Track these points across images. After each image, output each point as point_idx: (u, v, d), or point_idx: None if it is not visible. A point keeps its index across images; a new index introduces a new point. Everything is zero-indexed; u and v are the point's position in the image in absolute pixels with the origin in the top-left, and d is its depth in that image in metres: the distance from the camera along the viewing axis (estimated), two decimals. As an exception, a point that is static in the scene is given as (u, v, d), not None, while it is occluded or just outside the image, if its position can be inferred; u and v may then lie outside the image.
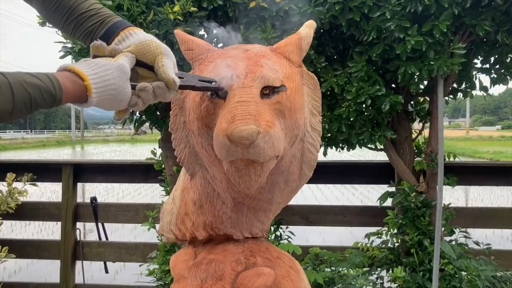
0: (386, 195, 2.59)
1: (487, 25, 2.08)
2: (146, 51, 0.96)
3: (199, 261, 1.20)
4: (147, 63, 0.97)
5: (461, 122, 69.77)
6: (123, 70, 0.90)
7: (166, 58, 0.97)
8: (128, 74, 0.91)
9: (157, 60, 0.96)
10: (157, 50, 0.96)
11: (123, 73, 0.90)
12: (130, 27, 1.02)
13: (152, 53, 0.96)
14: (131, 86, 0.92)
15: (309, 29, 1.17)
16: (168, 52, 0.98)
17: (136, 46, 0.97)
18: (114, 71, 0.89)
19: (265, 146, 0.97)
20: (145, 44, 0.97)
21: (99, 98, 0.87)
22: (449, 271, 2.36)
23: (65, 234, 3.13)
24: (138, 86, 0.93)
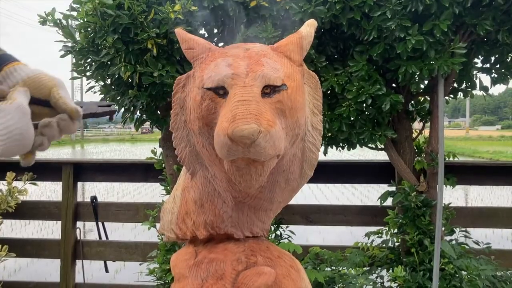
0: (386, 194, 2.59)
1: (488, 25, 2.08)
2: (39, 85, 0.88)
3: (200, 260, 1.20)
4: (40, 98, 0.88)
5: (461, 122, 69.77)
6: (23, 111, 0.81)
7: (62, 89, 0.89)
8: (29, 113, 0.82)
9: (53, 92, 0.87)
10: (51, 83, 0.88)
11: (24, 114, 0.81)
12: (14, 62, 0.92)
13: (45, 86, 0.88)
14: (33, 126, 0.83)
15: (310, 28, 1.17)
16: (62, 83, 0.90)
17: (26, 82, 0.88)
18: (14, 114, 0.79)
19: (266, 145, 0.97)
20: (36, 78, 0.89)
21: (4, 147, 0.78)
22: (449, 270, 2.36)
23: (65, 233, 3.13)
24: (41, 123, 0.85)
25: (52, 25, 2.24)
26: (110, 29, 2.08)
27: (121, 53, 2.13)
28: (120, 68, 2.13)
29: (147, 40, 2.08)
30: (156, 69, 2.13)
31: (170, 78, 2.14)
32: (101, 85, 2.40)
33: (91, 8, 2.08)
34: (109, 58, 2.16)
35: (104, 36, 2.10)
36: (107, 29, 2.09)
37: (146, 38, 2.07)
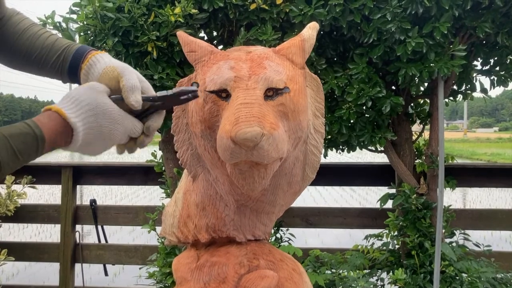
0: (386, 197, 2.59)
1: (487, 27, 2.08)
2: (108, 80, 0.91)
3: (202, 263, 1.20)
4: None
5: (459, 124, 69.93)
6: (90, 86, 0.86)
7: (124, 76, 0.90)
8: (96, 88, 0.86)
9: (121, 85, 0.90)
10: (114, 73, 0.91)
11: (91, 88, 0.86)
12: (93, 51, 0.97)
13: (113, 80, 0.91)
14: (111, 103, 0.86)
15: (312, 31, 1.17)
16: (123, 69, 0.91)
17: (100, 79, 0.92)
18: (81, 89, 0.85)
19: (269, 148, 0.97)
20: (104, 73, 0.92)
21: (82, 122, 0.82)
22: (450, 273, 2.36)
23: (64, 236, 3.11)
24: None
25: (52, 28, 2.24)
26: (110, 32, 2.07)
27: (121, 56, 2.12)
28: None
29: (147, 43, 2.08)
30: (156, 72, 2.12)
31: (170, 81, 2.13)
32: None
33: (91, 11, 2.08)
34: (109, 61, 2.15)
35: (104, 39, 2.10)
36: (107, 32, 2.08)
37: (146, 41, 2.07)
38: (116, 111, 0.86)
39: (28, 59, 1.00)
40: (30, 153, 0.78)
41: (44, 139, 0.79)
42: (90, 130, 0.83)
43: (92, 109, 0.83)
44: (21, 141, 0.76)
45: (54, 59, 0.98)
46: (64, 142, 0.82)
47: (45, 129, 0.79)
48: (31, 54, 1.00)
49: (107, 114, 0.84)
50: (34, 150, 0.78)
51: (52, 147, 0.81)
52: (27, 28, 1.01)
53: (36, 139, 0.78)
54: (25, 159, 0.77)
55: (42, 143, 0.78)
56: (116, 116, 0.85)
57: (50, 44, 0.99)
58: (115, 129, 0.85)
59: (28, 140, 0.77)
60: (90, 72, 0.94)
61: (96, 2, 2.06)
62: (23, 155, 0.77)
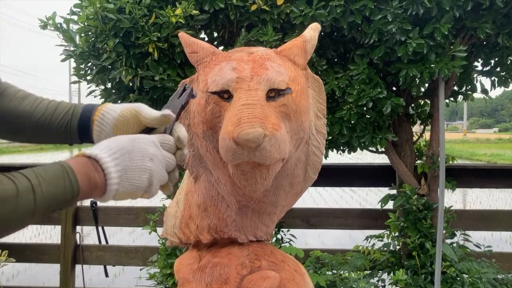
0: (387, 197, 2.59)
1: (488, 28, 2.08)
2: (127, 123, 0.93)
3: (204, 264, 1.19)
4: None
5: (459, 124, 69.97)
6: (130, 137, 0.84)
7: (143, 111, 0.92)
8: (136, 138, 0.85)
9: (141, 120, 0.92)
10: (132, 113, 0.93)
11: (131, 139, 0.83)
12: (100, 105, 0.99)
13: (132, 120, 0.93)
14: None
15: (314, 31, 1.17)
16: (139, 107, 0.93)
17: (117, 124, 0.94)
18: (121, 139, 0.83)
19: (271, 149, 0.97)
20: (120, 117, 0.94)
21: (118, 168, 0.80)
22: (450, 273, 2.36)
23: (65, 237, 3.11)
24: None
25: (52, 29, 2.24)
26: (111, 33, 2.07)
27: (122, 57, 2.12)
28: (121, 72, 2.12)
29: (148, 44, 2.08)
30: (157, 73, 2.12)
31: (171, 82, 2.13)
32: (101, 89, 2.39)
33: (92, 12, 2.08)
34: (110, 62, 2.16)
35: (105, 40, 2.10)
36: (108, 33, 2.08)
37: (147, 42, 2.07)
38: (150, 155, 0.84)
39: (32, 123, 1.00)
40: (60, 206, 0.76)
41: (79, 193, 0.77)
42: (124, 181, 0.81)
43: (128, 158, 0.82)
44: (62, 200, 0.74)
45: (60, 118, 0.99)
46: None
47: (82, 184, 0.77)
48: (35, 117, 0.99)
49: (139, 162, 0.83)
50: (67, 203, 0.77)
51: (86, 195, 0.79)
52: (27, 95, 1.03)
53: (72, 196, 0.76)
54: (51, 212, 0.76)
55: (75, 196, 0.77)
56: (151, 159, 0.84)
57: (54, 106, 1.00)
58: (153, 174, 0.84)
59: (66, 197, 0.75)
60: (104, 121, 0.95)
61: (97, 3, 2.06)
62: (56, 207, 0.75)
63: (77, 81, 2.37)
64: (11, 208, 0.67)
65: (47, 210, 0.72)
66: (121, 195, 0.82)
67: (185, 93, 0.95)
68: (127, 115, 0.93)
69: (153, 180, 0.83)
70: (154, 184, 0.84)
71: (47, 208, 0.72)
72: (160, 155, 0.84)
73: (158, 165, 0.84)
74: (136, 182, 0.81)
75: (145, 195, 0.85)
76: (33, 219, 0.71)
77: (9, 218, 0.68)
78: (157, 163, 0.84)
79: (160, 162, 0.84)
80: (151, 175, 0.83)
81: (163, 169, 0.85)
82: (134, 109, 0.93)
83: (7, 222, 0.68)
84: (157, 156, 0.84)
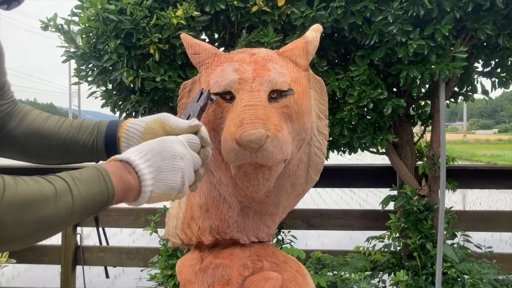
0: (388, 198, 2.59)
1: (489, 29, 2.09)
2: (154, 134, 0.94)
3: (206, 265, 1.20)
4: None
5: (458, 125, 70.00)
6: (162, 138, 0.86)
7: (170, 121, 0.94)
8: (166, 140, 0.86)
9: (168, 131, 0.93)
10: (158, 124, 0.94)
11: (163, 140, 0.85)
12: (124, 120, 1.00)
13: (159, 131, 0.94)
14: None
15: (316, 33, 1.17)
16: (165, 117, 0.95)
17: (143, 137, 0.95)
18: (152, 142, 0.85)
19: (273, 150, 0.97)
20: (147, 129, 0.95)
21: (149, 163, 0.80)
22: (451, 274, 2.36)
23: (65, 239, 3.11)
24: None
25: (54, 31, 2.24)
26: (112, 34, 2.08)
27: (123, 58, 2.13)
28: (122, 73, 2.12)
29: (149, 45, 2.08)
30: (158, 74, 2.12)
31: (172, 83, 2.14)
32: (102, 91, 2.39)
33: (93, 14, 2.08)
34: (111, 63, 2.16)
35: (106, 41, 2.10)
36: (109, 34, 2.08)
37: (148, 43, 2.07)
38: (181, 156, 0.84)
39: (57, 143, 1.01)
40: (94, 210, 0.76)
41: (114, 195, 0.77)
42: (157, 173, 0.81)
43: (160, 156, 0.83)
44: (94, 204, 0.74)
45: (85, 136, 1.00)
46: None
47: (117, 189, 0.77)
48: (60, 136, 1.01)
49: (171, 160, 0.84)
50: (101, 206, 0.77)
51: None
52: (50, 115, 1.05)
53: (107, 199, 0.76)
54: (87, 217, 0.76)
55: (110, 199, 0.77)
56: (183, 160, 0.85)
57: (78, 124, 1.02)
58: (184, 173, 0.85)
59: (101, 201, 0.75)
60: (130, 136, 0.96)
61: (98, 5, 2.06)
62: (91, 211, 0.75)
63: (78, 82, 2.37)
64: (52, 208, 0.68)
65: (84, 211, 0.73)
66: (156, 197, 0.81)
67: (202, 96, 0.98)
68: (153, 126, 0.95)
69: (185, 179, 0.84)
70: (185, 183, 0.84)
71: (84, 209, 0.72)
72: (188, 155, 0.86)
73: (188, 164, 0.85)
74: (170, 182, 0.81)
75: (179, 195, 0.84)
76: (72, 219, 0.72)
77: (50, 219, 0.68)
78: (187, 162, 0.85)
79: (189, 162, 0.85)
80: (183, 174, 0.83)
81: (192, 168, 0.86)
82: (159, 120, 0.94)
83: (49, 223, 0.69)
84: (186, 155, 0.85)
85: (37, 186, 0.67)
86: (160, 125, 0.94)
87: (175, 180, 0.82)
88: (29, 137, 1.02)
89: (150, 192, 0.80)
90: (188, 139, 0.88)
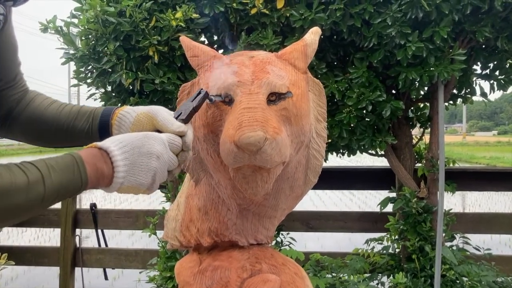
0: (387, 200, 2.59)
1: (487, 31, 2.09)
2: (142, 127, 0.97)
3: (204, 268, 1.20)
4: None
5: (458, 127, 70.05)
6: (143, 134, 0.89)
7: (158, 116, 0.95)
8: (146, 136, 0.88)
9: (156, 126, 0.95)
10: (147, 118, 0.97)
11: (144, 136, 0.88)
12: (118, 108, 1.04)
13: (147, 124, 0.97)
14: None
15: (315, 35, 1.17)
16: (156, 111, 0.97)
17: (133, 128, 0.98)
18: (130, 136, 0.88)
19: (272, 153, 0.97)
20: (136, 121, 0.98)
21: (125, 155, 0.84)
22: (450, 276, 2.36)
23: (64, 240, 3.11)
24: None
25: (53, 33, 2.24)
26: (112, 36, 2.08)
27: (123, 60, 2.13)
28: (122, 75, 2.13)
29: (149, 47, 2.09)
30: (158, 76, 2.13)
31: (172, 85, 2.14)
32: (102, 92, 2.39)
33: (92, 16, 2.08)
34: (110, 65, 2.16)
35: (106, 43, 2.10)
36: (109, 37, 2.09)
37: (147, 45, 2.08)
38: (157, 150, 0.87)
39: (57, 128, 1.07)
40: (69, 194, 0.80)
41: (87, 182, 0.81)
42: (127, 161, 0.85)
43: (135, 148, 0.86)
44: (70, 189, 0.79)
45: (82, 123, 1.05)
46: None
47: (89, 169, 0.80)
48: (60, 122, 1.06)
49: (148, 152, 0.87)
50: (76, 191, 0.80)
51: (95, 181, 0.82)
52: (54, 101, 1.11)
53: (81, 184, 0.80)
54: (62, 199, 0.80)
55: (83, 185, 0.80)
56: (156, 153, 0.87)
57: (76, 111, 1.07)
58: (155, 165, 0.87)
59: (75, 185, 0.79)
60: (121, 124, 1.00)
61: (97, 7, 2.07)
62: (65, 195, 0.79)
63: (78, 84, 2.37)
64: (22, 198, 0.72)
65: (57, 198, 0.78)
66: (125, 189, 0.85)
67: (198, 96, 0.98)
68: (142, 120, 0.97)
69: (156, 179, 0.87)
70: (156, 182, 0.88)
71: (56, 196, 0.77)
72: (166, 155, 0.88)
73: (162, 164, 0.87)
74: (141, 179, 0.85)
75: (146, 192, 0.88)
76: (44, 205, 0.76)
77: (20, 207, 0.72)
78: (162, 163, 0.87)
79: (164, 162, 0.88)
80: (155, 174, 0.86)
81: (166, 168, 0.89)
82: (149, 114, 0.97)
83: (17, 211, 0.73)
84: (163, 155, 0.87)
85: (10, 176, 0.71)
86: (149, 119, 0.97)
87: (145, 178, 0.85)
88: (32, 122, 1.08)
89: (121, 183, 0.83)
90: (170, 139, 0.90)
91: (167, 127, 0.93)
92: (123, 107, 1.03)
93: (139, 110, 0.99)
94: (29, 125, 1.09)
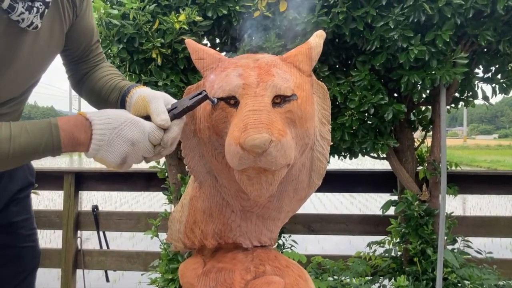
0: (389, 203, 2.59)
1: (489, 35, 2.10)
2: (138, 111, 1.05)
3: (208, 269, 1.20)
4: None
5: (458, 131, 70.01)
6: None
7: (152, 104, 1.03)
8: (124, 119, 0.97)
9: (148, 112, 1.03)
10: (143, 103, 1.05)
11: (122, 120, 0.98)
12: (135, 86, 1.15)
13: (143, 109, 1.05)
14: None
15: (319, 38, 1.18)
16: (151, 97, 1.04)
17: (133, 110, 1.07)
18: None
19: (277, 155, 0.97)
20: (135, 104, 1.07)
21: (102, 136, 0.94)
22: (452, 279, 2.36)
23: (66, 242, 3.12)
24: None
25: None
26: (115, 38, 2.09)
27: (126, 62, 2.14)
28: (125, 77, 2.14)
29: (152, 50, 2.10)
30: (161, 78, 2.14)
31: (175, 87, 2.15)
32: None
33: (96, 18, 2.09)
34: (113, 68, 2.17)
35: (109, 45, 2.11)
36: (112, 39, 2.10)
37: (150, 47, 2.09)
38: (132, 130, 0.97)
39: (102, 98, 1.24)
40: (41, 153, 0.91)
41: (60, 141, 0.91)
42: (106, 130, 0.95)
43: (114, 122, 0.96)
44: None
45: (114, 96, 1.20)
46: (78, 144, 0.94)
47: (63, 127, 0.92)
48: (101, 94, 1.24)
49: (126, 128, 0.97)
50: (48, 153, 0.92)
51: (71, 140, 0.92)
52: (106, 75, 1.27)
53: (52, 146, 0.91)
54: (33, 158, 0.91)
55: (56, 149, 0.91)
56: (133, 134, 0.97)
57: (114, 85, 1.22)
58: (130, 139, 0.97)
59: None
60: (130, 103, 1.11)
61: (101, 9, 2.08)
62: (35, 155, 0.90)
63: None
64: None
65: (26, 157, 0.89)
66: (99, 160, 0.96)
67: (198, 97, 1.02)
68: (139, 103, 1.06)
69: (127, 160, 0.97)
70: (127, 163, 0.98)
71: (23, 155, 0.87)
72: (142, 144, 0.97)
73: (137, 150, 0.97)
74: (111, 158, 0.95)
75: (116, 168, 0.98)
76: (11, 162, 0.87)
77: None
78: (136, 149, 0.97)
79: (138, 149, 0.97)
80: (126, 157, 0.96)
81: (140, 154, 0.99)
82: (146, 99, 1.04)
83: None
84: (140, 143, 0.97)
85: None
86: (144, 104, 1.04)
87: (114, 158, 0.95)
88: (89, 91, 1.29)
89: (94, 154, 0.95)
90: (152, 130, 0.99)
91: (153, 117, 1.00)
92: (138, 86, 1.14)
93: (142, 93, 1.08)
94: (88, 92, 1.29)
